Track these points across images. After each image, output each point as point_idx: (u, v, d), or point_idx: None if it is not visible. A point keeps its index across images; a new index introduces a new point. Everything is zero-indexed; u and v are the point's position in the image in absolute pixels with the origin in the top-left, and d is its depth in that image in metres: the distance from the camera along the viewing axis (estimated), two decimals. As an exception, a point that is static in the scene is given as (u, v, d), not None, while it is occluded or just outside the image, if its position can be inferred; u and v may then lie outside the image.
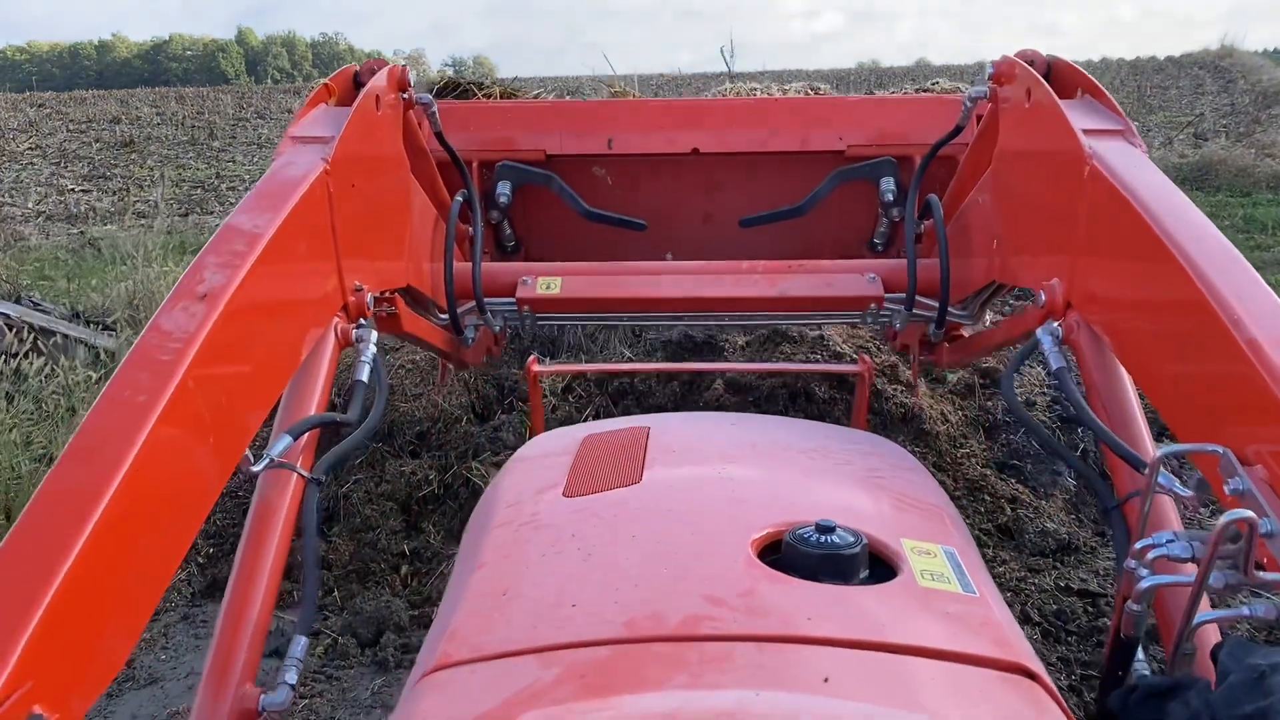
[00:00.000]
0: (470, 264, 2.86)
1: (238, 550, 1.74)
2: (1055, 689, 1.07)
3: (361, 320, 2.20)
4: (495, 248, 3.42)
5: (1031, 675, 1.07)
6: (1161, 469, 1.44)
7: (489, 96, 4.23)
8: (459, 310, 2.86)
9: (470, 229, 2.96)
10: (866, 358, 2.91)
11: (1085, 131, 1.94)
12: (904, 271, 2.73)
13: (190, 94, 39.40)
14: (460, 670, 1.11)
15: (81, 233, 13.38)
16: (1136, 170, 1.81)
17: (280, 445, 1.73)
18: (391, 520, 5.05)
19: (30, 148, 23.68)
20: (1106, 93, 2.17)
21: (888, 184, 3.08)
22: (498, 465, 5.38)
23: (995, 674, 1.06)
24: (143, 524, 1.28)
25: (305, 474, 1.82)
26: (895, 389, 5.35)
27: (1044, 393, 5.69)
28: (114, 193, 17.76)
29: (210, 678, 1.54)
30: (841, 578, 1.20)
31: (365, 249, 2.26)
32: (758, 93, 4.57)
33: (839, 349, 5.50)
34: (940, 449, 5.30)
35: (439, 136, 2.87)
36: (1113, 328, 1.84)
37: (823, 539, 1.22)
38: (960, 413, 5.58)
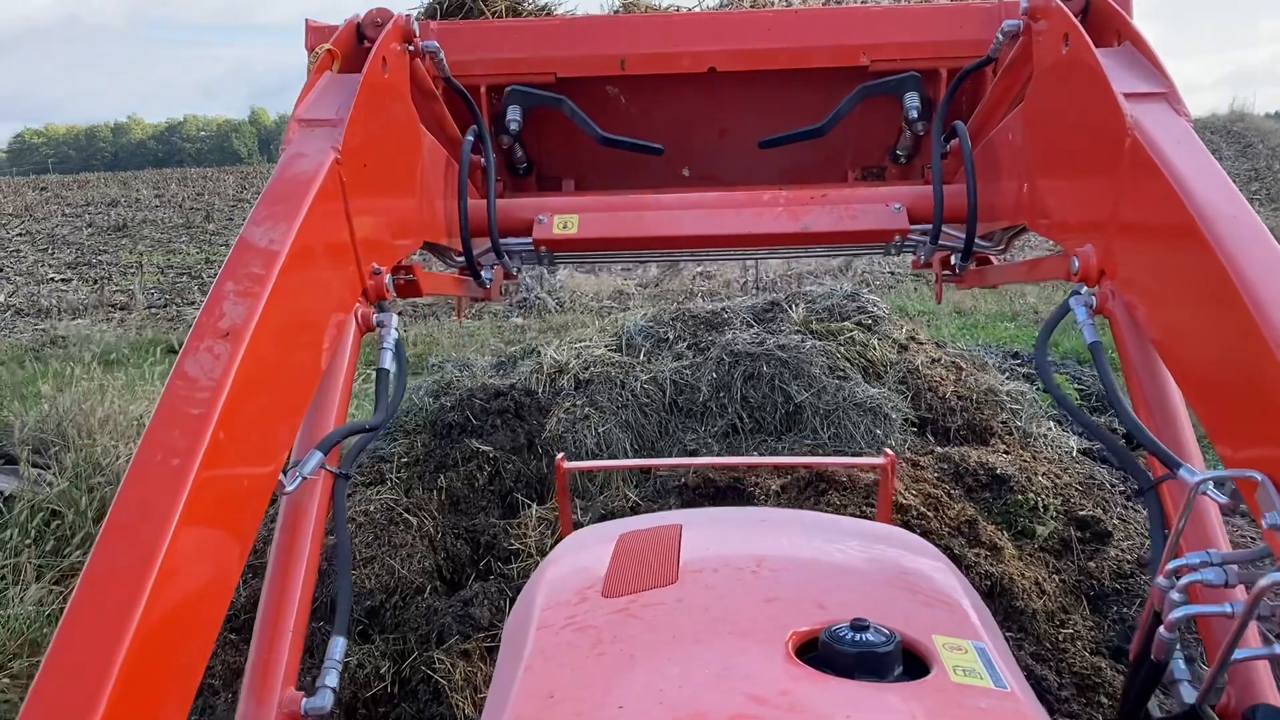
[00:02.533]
0: (484, 203, 2.85)
1: (270, 553, 1.73)
2: None
3: (382, 302, 2.15)
4: (507, 171, 3.39)
5: None
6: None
7: (494, 12, 4.07)
8: (475, 253, 2.83)
9: (482, 160, 2.91)
10: (890, 452, 2.94)
11: (1127, 96, 1.85)
12: (929, 198, 2.68)
13: (194, 175, 39.21)
14: None
15: (45, 330, 12.40)
16: (1181, 148, 1.72)
17: (312, 462, 1.70)
18: (330, 731, 3.88)
19: (20, 234, 22.99)
20: (1148, 42, 2.08)
21: (912, 99, 2.96)
22: (467, 654, 4.31)
23: None
24: (188, 589, 1.29)
25: (334, 470, 1.83)
26: (976, 554, 4.18)
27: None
28: (94, 281, 16.87)
29: (251, 683, 1.56)
30: (877, 675, 1.23)
31: (381, 226, 2.22)
32: (775, 3, 4.33)
33: (902, 499, 4.34)
34: (1038, 631, 4.14)
35: (448, 81, 2.83)
36: (1147, 313, 1.77)
37: (858, 637, 1.25)
38: (1057, 577, 4.41)
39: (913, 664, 1.29)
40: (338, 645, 1.68)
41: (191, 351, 1.48)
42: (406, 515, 4.84)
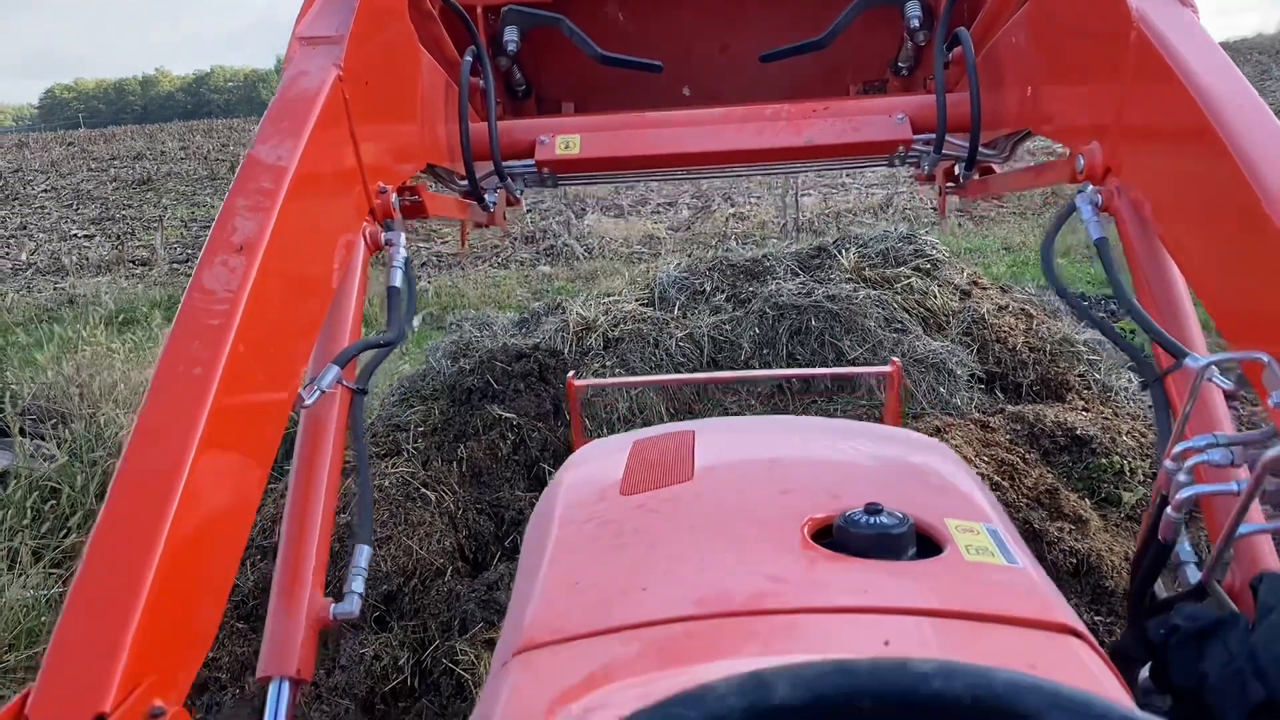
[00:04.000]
0: (485, 125, 2.84)
1: (293, 463, 1.76)
2: (1099, 647, 1.18)
3: (389, 221, 2.14)
4: (505, 94, 3.38)
5: (1078, 634, 1.16)
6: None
7: None
8: (478, 176, 2.83)
9: (480, 81, 2.90)
10: (896, 360, 3.06)
11: None
12: (932, 108, 2.71)
13: (220, 126, 38.85)
14: (543, 651, 1.20)
15: (64, 290, 12.14)
16: (1188, 40, 1.68)
17: (330, 376, 1.74)
18: (347, 728, 3.64)
19: (45, 190, 22.82)
20: None
21: (913, 8, 2.98)
22: (492, 644, 3.95)
23: (1044, 634, 1.16)
24: (218, 492, 1.34)
25: (351, 385, 1.87)
26: (1059, 529, 3.71)
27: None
28: (116, 237, 16.60)
29: (279, 590, 1.61)
30: (892, 555, 1.28)
31: (384, 145, 2.21)
32: None
33: (975, 467, 3.86)
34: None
35: (445, 0, 2.82)
36: (1154, 208, 1.76)
37: (872, 520, 1.30)
38: (1147, 552, 3.93)
39: (926, 546, 1.33)
40: (362, 553, 1.74)
41: (207, 265, 1.51)
42: (424, 490, 4.45)
